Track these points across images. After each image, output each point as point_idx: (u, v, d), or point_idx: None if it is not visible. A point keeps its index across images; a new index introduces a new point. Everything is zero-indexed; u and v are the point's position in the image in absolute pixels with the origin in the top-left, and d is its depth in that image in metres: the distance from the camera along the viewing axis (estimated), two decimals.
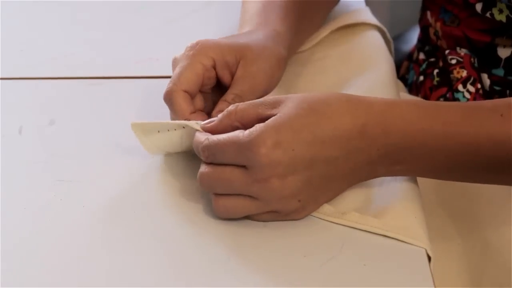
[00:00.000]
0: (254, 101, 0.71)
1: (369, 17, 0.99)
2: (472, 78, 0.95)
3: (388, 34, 0.99)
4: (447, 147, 0.70)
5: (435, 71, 0.98)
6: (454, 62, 0.96)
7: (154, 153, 0.78)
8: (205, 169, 0.70)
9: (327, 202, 0.72)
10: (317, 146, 0.68)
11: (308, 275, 0.67)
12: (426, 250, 0.69)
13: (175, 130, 0.75)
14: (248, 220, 0.71)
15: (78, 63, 0.95)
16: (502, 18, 0.91)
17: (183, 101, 0.76)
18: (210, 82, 0.79)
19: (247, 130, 0.68)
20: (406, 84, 1.08)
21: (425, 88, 1.00)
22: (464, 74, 0.95)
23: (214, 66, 0.78)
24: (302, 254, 0.68)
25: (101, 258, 0.68)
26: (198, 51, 0.78)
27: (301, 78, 0.91)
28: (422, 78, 1.01)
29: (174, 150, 0.77)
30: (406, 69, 1.11)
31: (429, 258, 0.69)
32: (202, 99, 0.79)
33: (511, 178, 0.73)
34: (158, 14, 1.05)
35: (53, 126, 0.84)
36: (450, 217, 0.87)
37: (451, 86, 0.95)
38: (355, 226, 0.71)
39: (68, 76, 0.93)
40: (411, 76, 1.06)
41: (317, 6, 0.94)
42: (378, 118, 0.69)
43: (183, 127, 0.75)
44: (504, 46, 0.93)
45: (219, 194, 0.70)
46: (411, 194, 0.74)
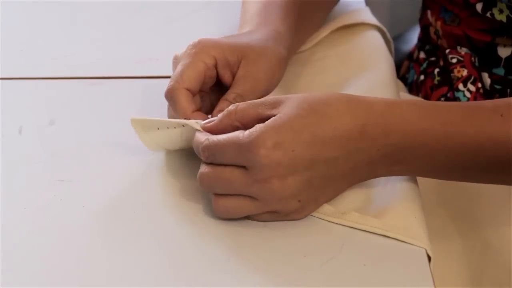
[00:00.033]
0: (255, 101, 0.71)
1: (369, 17, 0.99)
2: (472, 77, 0.94)
3: (388, 34, 0.99)
4: (447, 147, 0.70)
5: (436, 70, 0.98)
6: (454, 61, 0.96)
7: (154, 149, 0.78)
8: (205, 169, 0.70)
9: (327, 202, 0.72)
10: (317, 147, 0.68)
11: (308, 275, 0.67)
12: (426, 250, 0.69)
13: (175, 128, 0.75)
14: (248, 220, 0.71)
15: (78, 63, 0.95)
16: (502, 18, 0.91)
17: (185, 99, 0.76)
18: (210, 81, 0.79)
19: (247, 131, 0.68)
20: (406, 83, 1.08)
21: (425, 87, 1.00)
22: (464, 73, 0.95)
23: (216, 65, 0.78)
24: (302, 254, 0.68)
25: (101, 258, 0.68)
26: (200, 50, 0.78)
27: (301, 78, 0.91)
28: (422, 77, 1.01)
29: (173, 147, 0.77)
30: (407, 68, 1.11)
31: (429, 258, 0.69)
32: (200, 98, 0.79)
33: (511, 178, 0.73)
34: (158, 14, 1.05)
35: (53, 126, 0.84)
36: (450, 217, 0.86)
37: (452, 85, 0.95)
38: (355, 226, 0.71)
39: (68, 76, 0.93)
40: (412, 75, 1.06)
41: (317, 6, 0.94)
42: (378, 118, 0.69)
43: (183, 126, 0.75)
44: (504, 46, 0.93)
45: (219, 194, 0.70)
46: (411, 194, 0.73)
